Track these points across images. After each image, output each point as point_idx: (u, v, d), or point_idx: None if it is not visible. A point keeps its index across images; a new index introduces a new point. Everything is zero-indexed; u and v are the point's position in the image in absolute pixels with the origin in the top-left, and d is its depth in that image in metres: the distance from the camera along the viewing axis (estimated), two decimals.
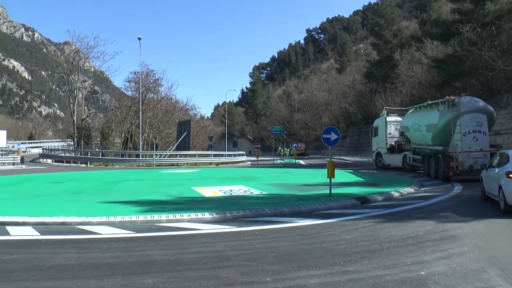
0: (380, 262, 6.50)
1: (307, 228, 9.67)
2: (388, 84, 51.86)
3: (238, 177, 23.64)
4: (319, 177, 20.59)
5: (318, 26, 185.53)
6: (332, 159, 15.24)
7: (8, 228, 9.96)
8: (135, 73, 57.35)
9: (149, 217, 10.62)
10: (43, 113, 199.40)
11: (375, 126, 31.48)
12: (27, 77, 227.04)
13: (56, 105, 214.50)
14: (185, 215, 10.74)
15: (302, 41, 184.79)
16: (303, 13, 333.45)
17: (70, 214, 10.95)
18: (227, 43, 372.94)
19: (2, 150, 44.62)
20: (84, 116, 56.59)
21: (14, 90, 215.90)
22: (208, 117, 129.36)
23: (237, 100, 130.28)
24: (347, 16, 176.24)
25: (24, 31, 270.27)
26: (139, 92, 48.73)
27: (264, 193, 15.57)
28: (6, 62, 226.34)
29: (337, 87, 73.17)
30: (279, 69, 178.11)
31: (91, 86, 69.96)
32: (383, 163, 30.09)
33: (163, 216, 10.60)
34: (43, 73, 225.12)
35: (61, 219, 10.49)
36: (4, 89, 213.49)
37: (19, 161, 39.58)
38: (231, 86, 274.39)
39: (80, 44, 55.01)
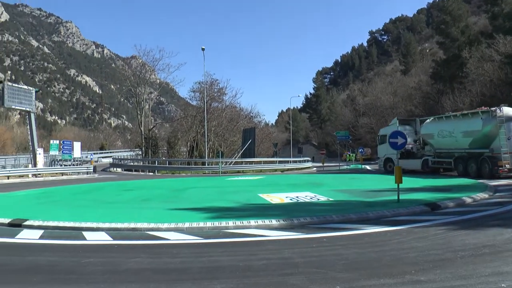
0: (454, 272, 6.20)
1: (375, 235, 9.44)
2: (456, 84, 49.66)
3: (304, 184, 23.47)
4: (386, 182, 20.09)
5: (381, 28, 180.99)
6: (399, 164, 14.88)
7: (84, 233, 10.53)
8: (199, 83, 58.78)
9: (216, 223, 10.75)
10: (113, 124, 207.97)
11: (383, 134, 32.80)
12: (97, 91, 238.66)
13: (124, 116, 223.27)
14: (252, 222, 10.77)
15: (365, 44, 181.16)
16: (366, 15, 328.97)
17: (140, 220, 11.33)
18: (290, 49, 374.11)
19: (76, 160, 46.95)
20: (151, 126, 58.39)
21: (86, 103, 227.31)
22: (272, 124, 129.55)
23: (301, 106, 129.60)
24: (410, 15, 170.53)
25: (94, 48, 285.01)
26: (204, 101, 49.73)
27: (331, 199, 15.38)
28: (79, 78, 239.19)
29: (402, 89, 71.02)
30: (343, 73, 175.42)
31: (157, 97, 72.14)
32: (394, 168, 29.39)
33: (231, 223, 10.70)
34: (112, 86, 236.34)
35: (132, 225, 10.88)
36: (78, 103, 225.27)
37: (92, 170, 41.38)
38: (295, 93, 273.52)
39: (146, 57, 57.19)
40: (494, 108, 23.46)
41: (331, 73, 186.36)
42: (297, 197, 16.39)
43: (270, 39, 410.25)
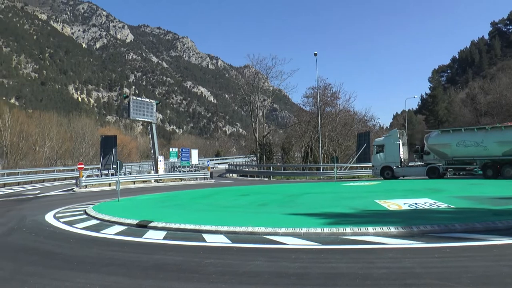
0: None
1: (506, 247, 8.68)
2: None
3: (422, 189, 22.40)
4: None
5: (505, 17, 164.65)
6: None
7: (204, 235, 11.08)
8: (312, 88, 58.96)
9: (333, 229, 10.65)
10: (227, 132, 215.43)
11: (381, 144, 36.46)
12: (212, 101, 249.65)
13: (238, 124, 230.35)
14: (370, 229, 10.51)
15: (486, 36, 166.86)
16: (486, 5, 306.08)
17: (257, 224, 11.59)
18: (402, 48, 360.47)
19: (194, 167, 49.33)
20: (265, 133, 59.52)
21: (202, 113, 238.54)
22: (387, 127, 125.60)
23: (417, 107, 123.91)
24: None
25: (209, 60, 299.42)
26: (317, 106, 49.71)
27: (452, 206, 14.52)
28: (195, 89, 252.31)
29: None
30: (461, 70, 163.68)
31: (271, 104, 73.27)
32: (392, 175, 35.34)
33: (348, 229, 10.55)
34: (226, 96, 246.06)
35: (250, 229, 11.16)
36: (194, 113, 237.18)
37: (209, 176, 43.17)
38: (410, 93, 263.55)
39: (259, 66, 58.59)
40: None
41: (448, 71, 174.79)
42: (415, 203, 15.70)
43: (382, 38, 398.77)
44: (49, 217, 16.17)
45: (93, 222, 14.52)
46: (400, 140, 35.63)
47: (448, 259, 7.85)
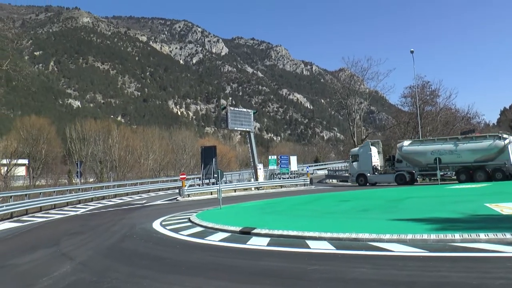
0: None
1: None
2: None
3: None
4: None
5: None
6: None
7: (308, 241, 11.01)
8: (410, 87, 56.79)
9: (441, 236, 10.11)
10: (325, 137, 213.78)
11: (355, 154, 40.73)
12: (308, 107, 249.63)
13: (336, 129, 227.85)
14: (482, 235, 9.79)
15: None
16: None
17: (360, 230, 11.33)
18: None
19: (293, 173, 49.39)
20: (363, 137, 58.37)
21: (299, 119, 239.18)
22: (493, 123, 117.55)
23: None
24: None
25: (303, 66, 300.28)
26: (416, 106, 47.85)
27: None
28: (291, 96, 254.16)
29: None
30: None
31: (367, 106, 71.74)
32: (365, 182, 38.98)
33: (457, 235, 9.93)
34: (322, 101, 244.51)
35: (353, 235, 10.95)
36: (291, 120, 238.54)
37: (309, 182, 43.00)
38: None
39: (355, 68, 57.62)
40: (497, 134, 34.29)
41: None
42: None
43: (493, 26, 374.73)
44: (156, 225, 17.02)
45: (198, 229, 15.03)
46: (372, 150, 39.67)
47: None
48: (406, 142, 37.79)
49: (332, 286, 6.79)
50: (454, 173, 35.46)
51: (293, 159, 48.95)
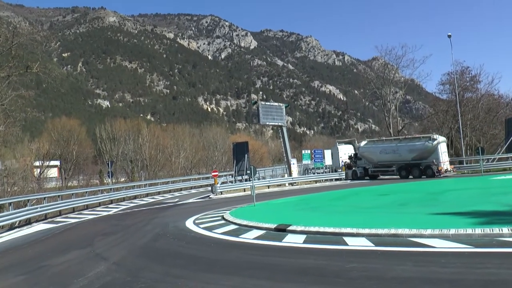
0: None
1: None
2: None
3: None
4: None
5: None
6: None
7: (345, 238, 10.70)
8: (448, 74, 55.02)
9: (487, 230, 9.59)
10: (360, 129, 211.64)
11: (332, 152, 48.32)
12: (342, 99, 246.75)
13: (370, 120, 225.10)
14: None
15: None
16: None
17: (400, 226, 10.93)
18: None
19: (328, 168, 48.72)
20: (400, 127, 57.21)
21: (332, 112, 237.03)
22: None
23: None
24: None
25: (335, 57, 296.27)
26: (455, 93, 46.41)
27: None
28: (323, 88, 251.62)
29: None
30: None
31: (403, 96, 70.12)
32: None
33: (505, 230, 9.39)
34: (355, 92, 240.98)
35: (393, 231, 10.56)
36: (324, 113, 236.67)
37: (344, 176, 42.38)
38: None
39: (389, 57, 56.32)
40: (429, 136, 37.63)
41: None
42: None
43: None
44: (189, 223, 16.94)
45: (232, 227, 14.86)
46: (339, 149, 47.90)
47: None
48: (363, 143, 42.77)
49: (372, 284, 6.49)
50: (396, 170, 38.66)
51: (328, 153, 48.25)
